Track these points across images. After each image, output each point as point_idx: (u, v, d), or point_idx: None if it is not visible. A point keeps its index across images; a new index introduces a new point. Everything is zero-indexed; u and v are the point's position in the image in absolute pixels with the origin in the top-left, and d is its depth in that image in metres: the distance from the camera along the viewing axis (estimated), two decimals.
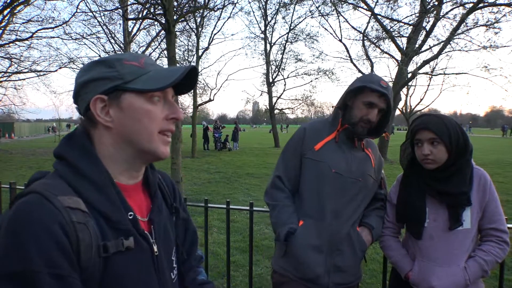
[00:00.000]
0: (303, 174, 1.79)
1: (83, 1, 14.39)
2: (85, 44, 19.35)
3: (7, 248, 0.65)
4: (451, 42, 14.78)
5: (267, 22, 25.08)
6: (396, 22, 16.61)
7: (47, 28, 18.15)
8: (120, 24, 21.27)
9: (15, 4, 15.56)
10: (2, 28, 17.74)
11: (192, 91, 20.03)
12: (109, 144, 0.84)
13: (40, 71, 20.05)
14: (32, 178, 0.82)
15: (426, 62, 15.90)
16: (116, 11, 15.21)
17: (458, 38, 14.91)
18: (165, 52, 13.43)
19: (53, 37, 19.94)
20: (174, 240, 1.00)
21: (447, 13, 14.61)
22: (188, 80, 0.89)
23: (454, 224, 1.57)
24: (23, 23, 18.38)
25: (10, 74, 19.42)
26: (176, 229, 1.03)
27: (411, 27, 15.93)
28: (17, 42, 18.44)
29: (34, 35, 18.21)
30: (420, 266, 1.64)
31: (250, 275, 2.51)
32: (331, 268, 1.71)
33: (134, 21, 19.09)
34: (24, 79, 22.53)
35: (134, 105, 0.82)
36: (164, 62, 22.63)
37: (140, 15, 12.88)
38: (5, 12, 16.13)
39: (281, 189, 1.82)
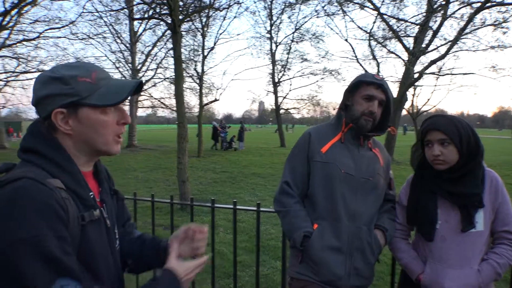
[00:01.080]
0: (313, 178, 1.76)
1: (90, 1, 14.52)
2: (91, 44, 19.60)
3: (16, 219, 0.79)
4: (458, 42, 14.65)
5: (272, 21, 25.05)
6: (402, 22, 16.49)
7: (54, 28, 18.34)
8: (126, 24, 21.40)
9: (22, 4, 15.67)
10: (10, 28, 17.88)
11: (198, 91, 20.17)
12: (70, 145, 0.99)
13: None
14: (2, 168, 0.95)
15: (433, 62, 15.77)
16: (122, 11, 15.29)
17: (466, 37, 14.79)
18: (171, 52, 13.45)
19: (60, 37, 20.08)
20: (116, 216, 1.20)
21: (454, 12, 14.49)
22: (139, 87, 1.05)
23: (466, 226, 1.55)
24: (30, 23, 18.57)
25: (18, 74, 19.62)
26: (116, 206, 1.24)
27: (418, 26, 15.81)
28: (24, 42, 18.63)
29: (41, 35, 18.41)
30: (431, 268, 1.62)
31: (256, 275, 2.50)
32: (351, 270, 1.69)
33: (140, 21, 19.20)
34: (31, 79, 22.70)
35: (90, 117, 0.97)
36: (170, 62, 22.74)
37: (146, 15, 12.90)
38: (13, 13, 16.27)
39: (290, 194, 1.79)
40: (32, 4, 16.61)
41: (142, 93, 24.20)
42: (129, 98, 1.08)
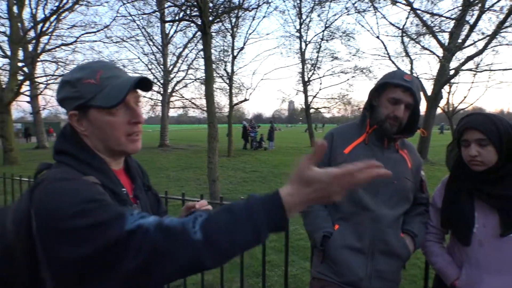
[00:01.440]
0: None
1: (123, 6, 14.94)
2: (125, 47, 20.17)
3: (62, 196, 0.82)
4: (497, 36, 14.02)
5: (302, 20, 24.81)
6: (437, 17, 15.92)
7: (90, 33, 19.03)
8: (157, 26, 21.90)
9: (60, 11, 16.39)
10: (50, 34, 18.75)
11: (228, 91, 20.35)
12: (90, 144, 1.01)
13: None
14: (41, 167, 0.99)
15: (470, 58, 15.17)
16: (153, 14, 15.65)
17: (505, 31, 14.10)
18: (202, 53, 13.64)
19: (96, 41, 20.87)
20: (151, 210, 1.19)
21: (493, 5, 13.85)
22: (146, 83, 1.02)
23: (506, 230, 1.46)
24: (68, 28, 19.40)
25: (57, 77, 20.48)
26: (150, 202, 1.23)
27: (454, 21, 15.24)
28: (63, 47, 19.45)
29: (78, 40, 19.17)
30: (468, 274, 1.55)
31: (285, 275, 2.49)
32: (373, 272, 1.65)
33: (171, 23, 19.56)
34: None
35: (97, 118, 0.98)
36: (201, 63, 23.10)
37: (177, 17, 13.14)
38: (52, 19, 17.04)
39: None
40: (70, 10, 17.33)
41: (173, 94, 24.73)
42: (138, 96, 1.07)
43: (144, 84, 1.02)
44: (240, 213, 0.78)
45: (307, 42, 25.71)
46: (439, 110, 19.36)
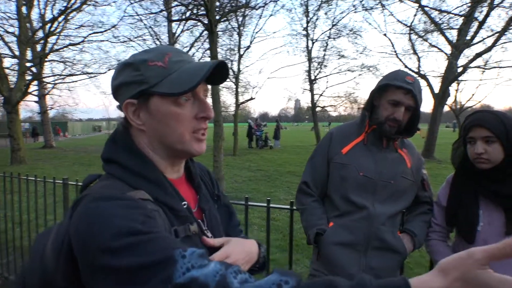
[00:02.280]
0: (330, 179, 1.75)
1: (130, 5, 15.00)
2: (132, 46, 20.17)
3: (100, 226, 0.65)
4: (506, 33, 13.86)
5: (308, 18, 24.75)
6: (445, 14, 15.80)
7: (97, 32, 19.15)
8: (164, 26, 21.94)
9: (68, 11, 16.54)
10: (58, 34, 18.90)
11: (234, 90, 20.38)
12: (146, 144, 0.87)
13: (91, 73, 21.20)
14: (86, 181, 0.86)
15: (478, 55, 15.02)
16: (160, 14, 15.68)
17: None
18: (208, 52, 13.66)
19: (103, 41, 21.01)
20: (221, 224, 1.03)
21: (502, 1, 13.70)
22: (220, 72, 0.87)
23: (511, 229, 1.45)
24: (76, 28, 19.56)
25: (65, 76, 20.66)
26: (220, 214, 1.05)
27: (462, 18, 15.09)
28: (70, 47, 19.62)
29: (86, 39, 19.31)
30: None
31: None
32: (367, 270, 1.65)
33: (178, 23, 19.59)
34: (76, 81, 23.93)
35: (160, 109, 0.82)
36: None
37: (184, 17, 13.17)
38: (60, 19, 17.19)
39: (309, 193, 1.81)
40: (78, 10, 17.48)
41: None
42: (207, 88, 0.91)
43: (219, 72, 0.86)
44: None
45: (314, 41, 25.66)
46: (446, 108, 19.19)
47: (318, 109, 27.12)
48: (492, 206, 1.50)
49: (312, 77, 25.80)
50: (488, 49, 14.66)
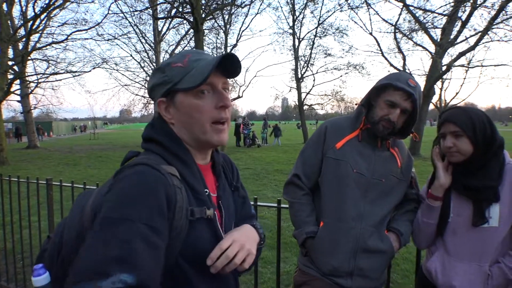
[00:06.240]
0: (323, 174, 1.72)
1: (115, 3, 14.82)
2: (117, 44, 20.13)
3: (119, 198, 0.80)
4: (489, 32, 14.13)
5: (295, 17, 24.87)
6: (429, 13, 16.03)
7: (81, 30, 18.87)
8: (150, 24, 21.76)
9: (51, 8, 16.20)
10: (40, 32, 18.55)
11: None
12: (178, 134, 1.00)
13: (76, 71, 20.89)
14: (128, 155, 1.00)
15: (462, 54, 15.29)
16: (146, 11, 15.54)
17: (497, 27, 14.24)
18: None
19: (87, 39, 20.74)
20: (235, 213, 1.14)
21: (484, 1, 13.97)
22: (232, 64, 0.98)
23: (478, 220, 1.49)
24: (59, 26, 19.25)
25: (48, 75, 20.31)
26: (235, 204, 1.16)
27: (446, 17, 15.33)
28: (53, 45, 19.31)
29: (69, 37, 18.97)
30: (441, 261, 1.60)
31: (277, 272, 2.49)
32: (356, 271, 1.65)
33: (164, 21, 19.45)
34: (60, 80, 23.51)
35: (184, 102, 0.97)
36: None
37: (169, 14, 13.07)
38: (42, 17, 16.83)
39: (299, 186, 1.78)
40: (60, 7, 17.16)
41: None
42: (227, 82, 1.03)
43: (231, 64, 0.98)
44: None
45: (300, 39, 25.79)
46: (431, 106, 19.47)
47: (305, 107, 27.26)
48: (462, 198, 1.55)
49: (299, 76, 25.93)
50: (471, 48, 14.93)
